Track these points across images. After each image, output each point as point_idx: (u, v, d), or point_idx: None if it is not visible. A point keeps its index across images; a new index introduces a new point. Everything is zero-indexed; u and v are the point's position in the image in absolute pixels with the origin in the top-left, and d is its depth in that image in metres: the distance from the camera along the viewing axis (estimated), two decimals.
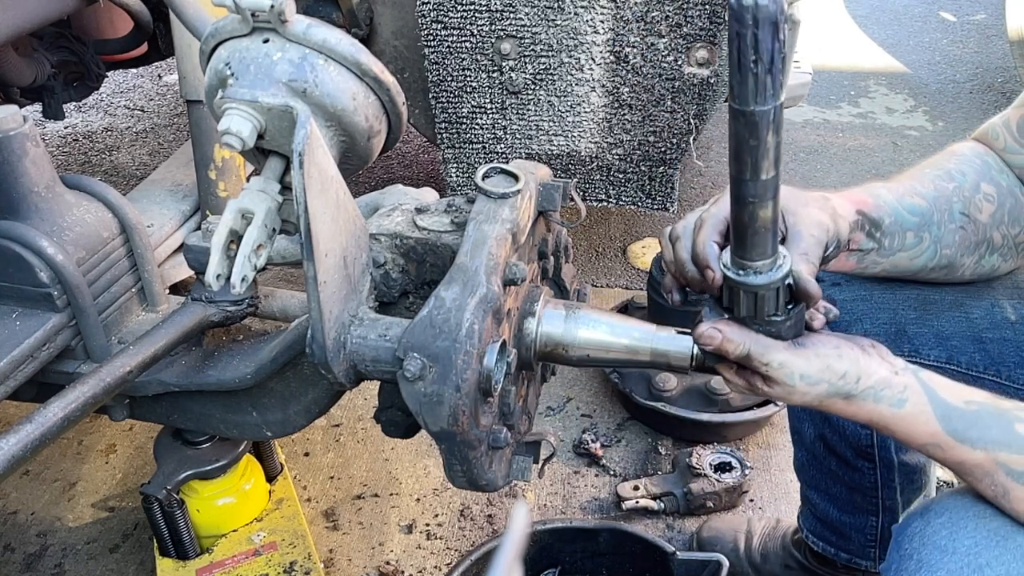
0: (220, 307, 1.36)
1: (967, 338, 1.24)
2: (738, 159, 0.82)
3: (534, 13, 1.96)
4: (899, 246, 1.15)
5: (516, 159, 2.15)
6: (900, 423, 0.94)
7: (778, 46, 0.74)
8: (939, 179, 1.17)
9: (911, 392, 0.94)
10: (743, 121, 0.78)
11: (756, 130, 0.78)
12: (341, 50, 1.09)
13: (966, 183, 1.17)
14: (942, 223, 1.15)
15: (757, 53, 0.74)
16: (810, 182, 3.46)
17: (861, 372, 0.94)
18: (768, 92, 0.76)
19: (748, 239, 0.89)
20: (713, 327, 0.95)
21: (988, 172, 1.19)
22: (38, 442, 1.06)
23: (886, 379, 0.94)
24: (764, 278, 0.92)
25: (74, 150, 3.83)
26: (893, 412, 0.94)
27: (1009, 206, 1.18)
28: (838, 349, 0.95)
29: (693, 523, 1.92)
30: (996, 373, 1.23)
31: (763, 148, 0.80)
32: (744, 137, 0.79)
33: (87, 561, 1.88)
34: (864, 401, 0.94)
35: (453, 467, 1.11)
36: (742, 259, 0.92)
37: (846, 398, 0.94)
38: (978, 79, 4.38)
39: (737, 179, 0.84)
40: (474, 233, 1.11)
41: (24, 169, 1.28)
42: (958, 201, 1.16)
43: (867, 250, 1.13)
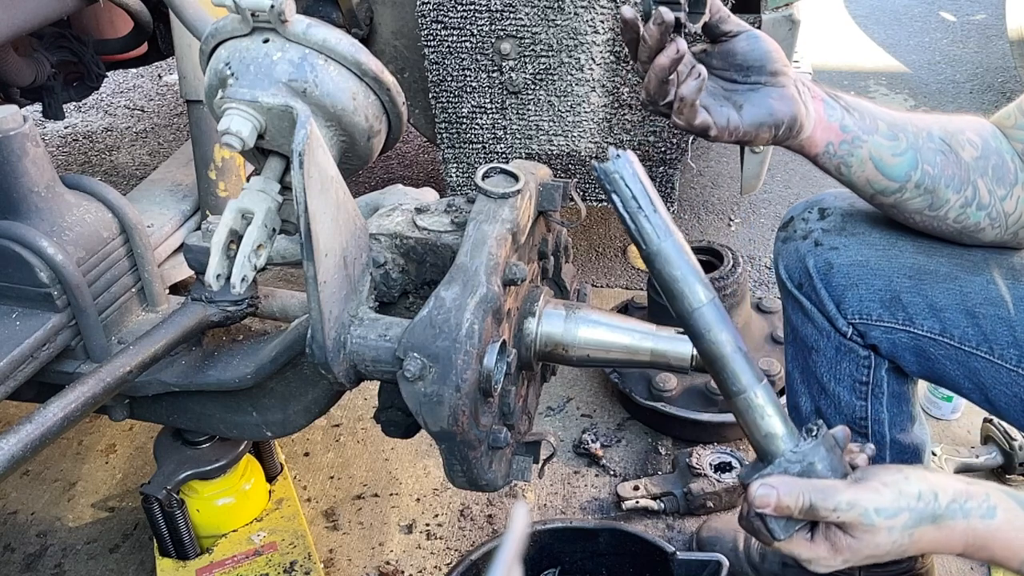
0: (220, 307, 1.36)
1: (960, 311, 1.24)
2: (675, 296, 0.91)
3: (534, 13, 1.96)
4: (873, 127, 1.15)
5: (516, 159, 2.16)
6: (999, 535, 0.87)
7: (650, 189, 0.88)
8: (919, 114, 1.20)
9: (996, 499, 0.88)
10: (658, 257, 0.89)
11: (673, 261, 0.89)
12: (341, 50, 1.09)
13: (950, 125, 1.19)
14: (919, 136, 1.16)
15: (637, 200, 0.87)
16: (810, 182, 3.46)
17: (935, 488, 0.87)
18: (663, 227, 0.88)
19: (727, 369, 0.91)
20: (764, 484, 0.87)
21: (980, 128, 1.20)
22: (38, 442, 1.06)
23: (964, 490, 0.88)
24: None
25: (74, 150, 3.83)
26: (987, 524, 0.87)
27: (994, 163, 1.19)
28: (901, 472, 0.88)
29: (693, 523, 1.92)
30: (989, 350, 1.22)
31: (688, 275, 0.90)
32: (667, 273, 0.90)
33: (87, 561, 1.88)
34: (954, 520, 0.87)
35: (453, 467, 1.12)
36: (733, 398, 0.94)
37: (934, 522, 0.86)
38: (978, 79, 4.38)
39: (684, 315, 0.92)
40: (474, 233, 1.11)
41: (24, 169, 1.28)
42: (938, 129, 1.17)
43: (836, 109, 1.14)
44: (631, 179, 0.86)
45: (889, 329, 1.31)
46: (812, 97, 1.14)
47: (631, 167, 0.86)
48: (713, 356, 0.91)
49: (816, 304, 1.35)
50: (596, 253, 3.01)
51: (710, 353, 0.91)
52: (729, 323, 0.89)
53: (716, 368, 0.91)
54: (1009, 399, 1.22)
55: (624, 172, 0.86)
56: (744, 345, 0.90)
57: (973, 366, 1.24)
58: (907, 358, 1.32)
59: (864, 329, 1.33)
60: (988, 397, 1.25)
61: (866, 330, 1.33)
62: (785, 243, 1.40)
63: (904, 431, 1.43)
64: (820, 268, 1.34)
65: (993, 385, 1.23)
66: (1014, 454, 1.93)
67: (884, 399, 1.39)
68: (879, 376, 1.38)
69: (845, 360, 1.37)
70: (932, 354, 1.28)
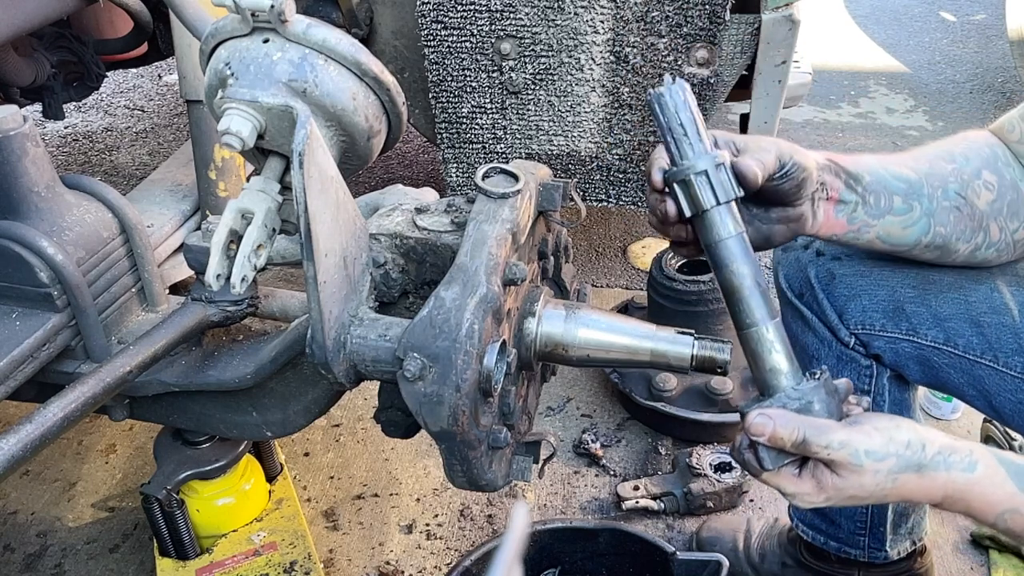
0: (220, 307, 1.36)
1: (965, 320, 1.24)
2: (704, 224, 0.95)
3: (534, 13, 1.96)
4: (887, 208, 1.13)
5: (516, 159, 2.15)
6: (976, 488, 0.90)
7: (697, 117, 0.93)
8: (938, 158, 1.16)
9: (979, 455, 0.91)
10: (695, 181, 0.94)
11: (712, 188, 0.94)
12: (341, 50, 1.09)
13: (967, 167, 1.16)
14: (934, 198, 1.14)
15: (683, 127, 0.93)
16: None
17: (924, 439, 0.90)
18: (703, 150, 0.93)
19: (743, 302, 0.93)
20: (762, 414, 0.90)
21: (993, 161, 1.17)
22: (38, 442, 1.06)
23: (950, 444, 0.91)
24: (693, 165, 0.94)
25: (74, 150, 3.83)
26: (967, 477, 0.90)
27: (1010, 199, 1.17)
28: (894, 420, 0.91)
29: (693, 523, 1.92)
30: (993, 359, 1.22)
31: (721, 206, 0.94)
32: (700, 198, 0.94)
33: (87, 561, 1.88)
34: (936, 471, 0.90)
35: (453, 467, 1.11)
36: (745, 330, 0.95)
37: (918, 470, 0.90)
38: (978, 79, 4.38)
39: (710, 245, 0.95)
40: (474, 233, 1.11)
41: (24, 169, 1.28)
42: (955, 182, 1.15)
43: (851, 202, 1.11)
44: (681, 106, 0.89)
45: (893, 339, 1.31)
46: (827, 199, 1.11)
47: (683, 94, 0.89)
48: (732, 288, 0.93)
49: (817, 314, 1.35)
50: (596, 253, 3.01)
51: (729, 285, 0.93)
52: (752, 258, 0.91)
53: (733, 300, 0.94)
54: (1014, 405, 1.22)
55: (675, 98, 0.89)
56: (764, 282, 0.93)
57: (977, 374, 1.24)
58: (911, 367, 1.32)
59: (867, 339, 1.33)
60: (992, 404, 1.25)
61: (869, 340, 1.33)
62: (785, 252, 1.39)
63: None
64: (822, 278, 1.33)
65: (998, 392, 1.23)
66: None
67: (885, 407, 1.39)
68: (880, 385, 1.38)
69: (847, 369, 1.37)
70: (936, 363, 1.28)
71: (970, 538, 1.86)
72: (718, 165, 0.94)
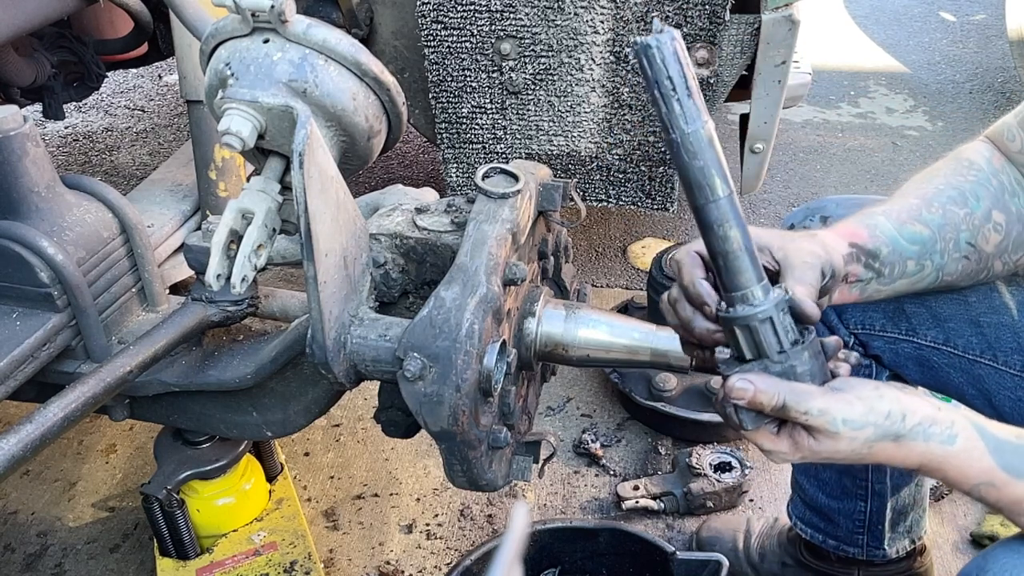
0: (220, 307, 1.36)
1: (964, 321, 1.24)
2: (691, 186, 0.84)
3: (534, 13, 1.96)
4: (900, 274, 1.12)
5: (516, 159, 2.16)
6: (953, 460, 0.90)
7: (688, 71, 0.80)
8: (951, 203, 1.13)
9: (959, 427, 0.90)
10: (681, 146, 0.82)
11: (696, 150, 0.81)
12: (341, 50, 1.09)
13: (978, 211, 1.13)
14: (946, 251, 1.12)
15: (672, 82, 0.80)
16: (810, 182, 3.46)
17: (905, 409, 0.90)
18: (694, 112, 0.81)
19: (729, 267, 0.87)
20: (743, 379, 0.89)
21: (1002, 197, 1.15)
22: (38, 442, 1.06)
23: (931, 415, 0.90)
24: (757, 307, 0.88)
25: (74, 150, 3.83)
26: (945, 450, 0.90)
27: (1016, 233, 1.15)
28: (878, 390, 0.91)
29: (693, 523, 1.92)
30: (992, 357, 1.23)
31: (709, 166, 0.82)
32: (687, 162, 0.82)
33: (87, 561, 1.88)
34: (914, 441, 0.90)
35: (453, 467, 1.12)
36: (731, 292, 0.89)
37: (895, 440, 0.90)
38: (978, 79, 4.38)
39: (698, 208, 0.85)
40: (474, 233, 1.11)
41: (24, 169, 1.28)
42: (966, 230, 1.13)
43: (867, 280, 1.11)
44: (670, 57, 0.80)
45: (892, 340, 1.31)
46: (846, 282, 1.10)
47: (672, 44, 0.80)
48: (717, 252, 0.88)
49: None
50: (596, 253, 3.01)
51: (715, 248, 0.88)
52: (741, 220, 0.86)
53: (718, 264, 0.89)
54: (1013, 404, 1.22)
55: (664, 49, 0.80)
56: (752, 244, 0.88)
57: (977, 373, 1.24)
58: (910, 368, 1.32)
59: (866, 339, 1.33)
60: (992, 403, 1.25)
61: (868, 340, 1.33)
62: None
63: None
64: None
65: (997, 391, 1.24)
66: None
67: None
68: None
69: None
70: (935, 363, 1.28)
71: (970, 538, 1.86)
72: (780, 306, 0.89)
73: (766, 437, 0.93)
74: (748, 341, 0.90)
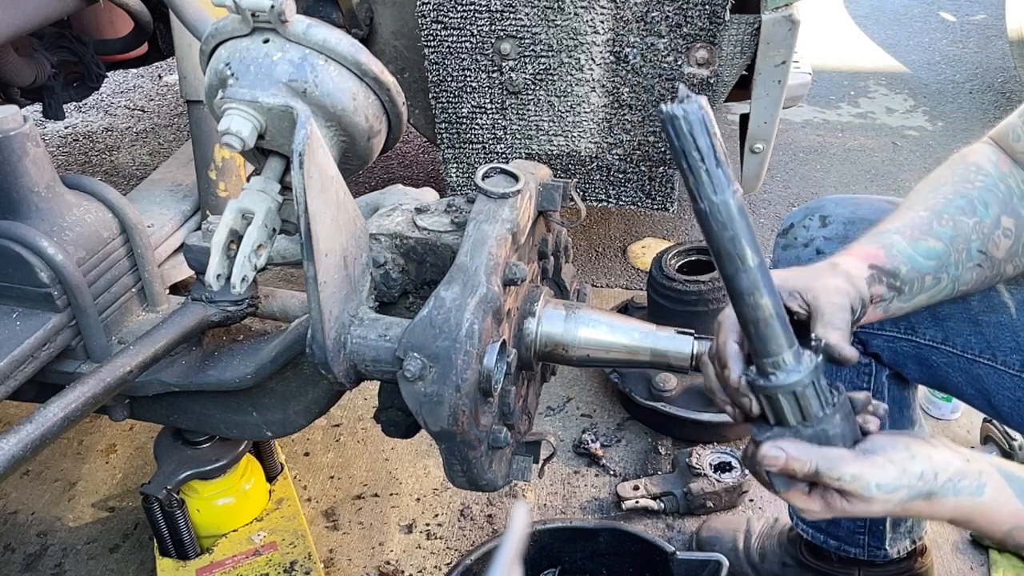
0: (220, 307, 1.36)
1: (963, 320, 1.24)
2: (720, 255, 0.83)
3: (534, 13, 1.96)
4: (919, 289, 1.12)
5: (516, 159, 2.16)
6: (983, 510, 0.90)
7: (716, 140, 0.78)
8: (960, 212, 1.13)
9: (987, 476, 0.91)
10: (711, 215, 0.80)
11: (726, 220, 0.80)
12: (341, 50, 1.10)
13: (987, 218, 1.13)
14: (959, 263, 1.12)
15: (700, 152, 0.78)
16: (810, 182, 3.46)
17: (937, 468, 0.89)
18: (723, 182, 0.79)
19: (761, 334, 0.86)
20: (775, 446, 0.89)
21: (1010, 201, 1.14)
22: (38, 442, 1.06)
23: (961, 469, 0.90)
24: (795, 373, 0.87)
25: (74, 150, 3.83)
26: (974, 501, 0.90)
27: None
28: (909, 450, 0.90)
29: (693, 523, 1.92)
30: (991, 357, 1.22)
31: (739, 236, 0.81)
32: (717, 232, 0.81)
33: (87, 561, 1.88)
34: (944, 497, 0.90)
35: (453, 467, 1.12)
36: (762, 359, 0.88)
37: (927, 497, 0.89)
38: (978, 79, 4.38)
39: (728, 276, 0.84)
40: (474, 233, 1.11)
41: (24, 169, 1.28)
42: (977, 239, 1.12)
43: (889, 299, 1.10)
44: (698, 127, 0.78)
45: (891, 338, 1.31)
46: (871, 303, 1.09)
47: (700, 113, 0.78)
48: (748, 320, 0.87)
49: None
50: (596, 253, 3.02)
51: (746, 316, 0.86)
52: (772, 287, 0.85)
53: (749, 331, 0.88)
54: (1013, 403, 1.22)
55: (692, 118, 0.77)
56: (783, 309, 0.88)
57: (976, 373, 1.24)
58: (909, 366, 1.32)
59: (865, 337, 1.33)
60: (992, 403, 1.25)
61: (867, 338, 1.33)
62: (785, 250, 1.39)
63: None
64: None
65: (996, 391, 1.23)
66: (1014, 454, 1.93)
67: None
68: (880, 383, 1.38)
69: (845, 367, 1.37)
70: (934, 362, 1.28)
71: (970, 538, 1.86)
72: (813, 373, 0.88)
73: (798, 497, 0.93)
74: (779, 408, 0.90)
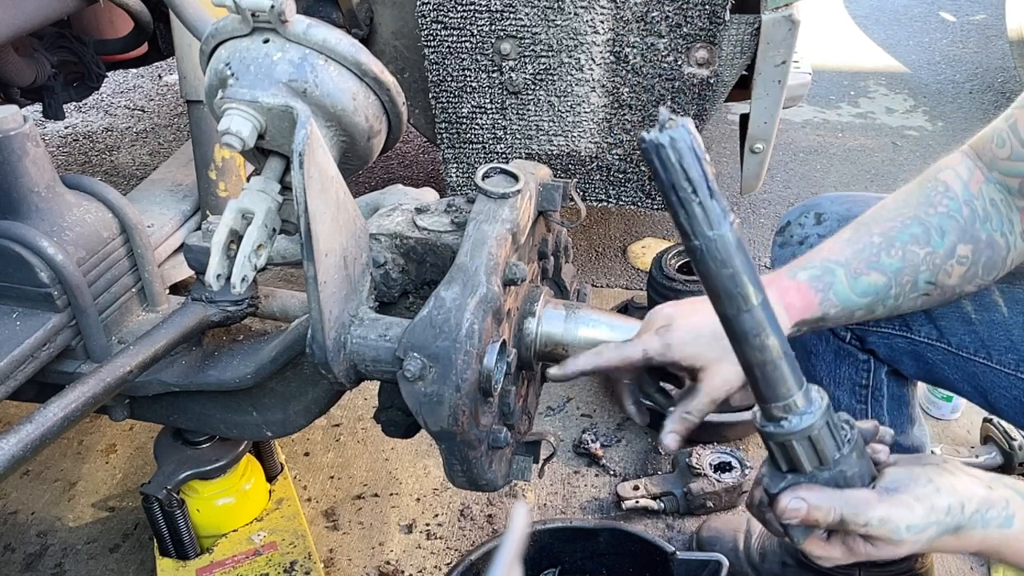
0: (220, 307, 1.36)
1: (956, 318, 1.24)
2: (719, 295, 0.75)
3: (534, 13, 1.96)
4: (845, 319, 1.12)
5: (516, 159, 2.16)
6: (1012, 542, 0.88)
7: (707, 168, 0.69)
8: (913, 242, 1.10)
9: (1015, 506, 0.88)
10: (707, 253, 0.72)
11: (724, 257, 0.72)
12: (341, 50, 1.09)
13: (941, 248, 1.10)
14: (901, 295, 1.11)
15: (692, 183, 0.69)
16: (810, 182, 3.46)
17: (963, 499, 0.86)
18: (719, 215, 0.70)
19: (768, 377, 0.79)
20: (795, 497, 0.84)
21: (971, 227, 1.11)
22: (38, 442, 1.06)
23: (986, 498, 0.87)
24: (809, 416, 0.81)
25: (74, 150, 3.83)
26: (1003, 533, 0.87)
27: (985, 259, 1.12)
28: (932, 483, 0.86)
29: (693, 523, 1.92)
30: (987, 356, 1.22)
31: (740, 273, 0.73)
32: (714, 270, 0.73)
33: (87, 561, 1.88)
34: (973, 530, 0.87)
35: (453, 467, 1.12)
36: (774, 405, 0.81)
37: (955, 532, 0.86)
38: (978, 79, 4.38)
39: (729, 317, 0.76)
40: (474, 233, 1.11)
41: (24, 169, 1.28)
42: (926, 270, 1.10)
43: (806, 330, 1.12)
44: (687, 155, 0.68)
45: (887, 335, 1.31)
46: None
47: (689, 139, 0.67)
48: (754, 363, 0.79)
49: None
50: (596, 253, 3.02)
51: (751, 359, 0.79)
52: (777, 325, 0.78)
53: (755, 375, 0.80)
54: (1010, 402, 1.22)
55: (680, 146, 0.67)
56: (789, 348, 0.80)
57: (971, 371, 1.24)
58: (905, 362, 1.32)
59: (863, 334, 1.33)
60: (989, 400, 1.25)
61: (864, 335, 1.33)
62: (782, 248, 1.39)
63: (904, 433, 1.44)
64: None
65: (992, 389, 1.23)
66: (1014, 454, 1.94)
67: (884, 402, 1.39)
68: (879, 379, 1.38)
69: (844, 364, 1.37)
70: (930, 359, 1.28)
71: None
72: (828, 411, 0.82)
73: (816, 545, 0.89)
74: (794, 455, 0.84)
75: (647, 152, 0.69)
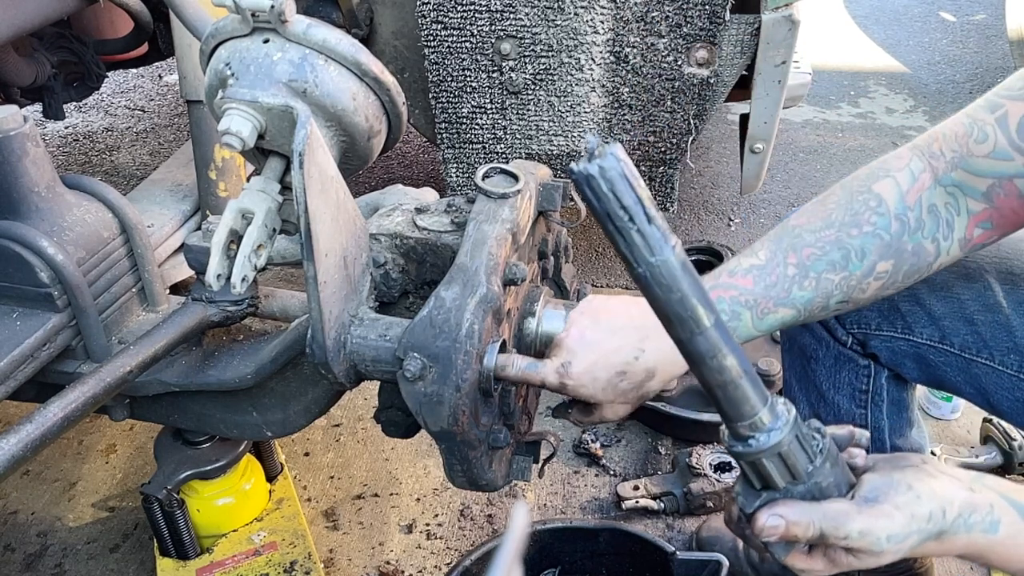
0: (220, 307, 1.36)
1: (958, 319, 1.23)
2: (670, 320, 0.73)
3: (534, 13, 1.96)
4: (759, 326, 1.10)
5: (516, 159, 2.16)
6: (998, 548, 0.86)
7: (642, 192, 0.67)
8: (831, 268, 1.06)
9: (1000, 511, 0.86)
10: (652, 280, 0.70)
11: (670, 282, 0.70)
12: (341, 50, 1.10)
13: (859, 270, 1.06)
14: (810, 318, 1.10)
15: (627, 211, 0.67)
16: (810, 182, 3.46)
17: (944, 504, 0.85)
18: (659, 240, 0.69)
19: (730, 397, 0.78)
20: (772, 514, 0.83)
21: (897, 241, 1.06)
22: (38, 442, 1.06)
23: (969, 501, 0.86)
24: (776, 433, 0.79)
25: (74, 150, 3.83)
26: (988, 539, 0.86)
27: (908, 267, 1.08)
28: (912, 489, 0.85)
29: (693, 523, 1.92)
30: (989, 357, 1.22)
31: (688, 296, 0.71)
32: (662, 296, 0.71)
33: (87, 561, 1.88)
34: (956, 535, 0.85)
35: (453, 467, 1.12)
36: (740, 424, 0.80)
37: (938, 538, 0.85)
38: (978, 79, 4.37)
39: (683, 341, 0.74)
40: (474, 233, 1.11)
41: (24, 169, 1.28)
42: (839, 293, 1.08)
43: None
44: (619, 183, 0.66)
45: (888, 338, 1.30)
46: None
47: (619, 166, 0.66)
48: (714, 384, 0.78)
49: None
50: (596, 253, 3.02)
51: (711, 381, 0.77)
52: (734, 343, 0.76)
53: (717, 396, 0.79)
54: (1012, 403, 1.22)
55: (610, 174, 0.66)
56: (749, 365, 0.78)
57: (974, 372, 1.24)
58: (908, 365, 1.32)
59: (863, 338, 1.33)
60: (991, 401, 1.25)
61: (865, 339, 1.33)
62: None
63: (903, 436, 1.44)
64: None
65: (995, 390, 1.23)
66: (1013, 454, 1.93)
67: (884, 406, 1.39)
68: (879, 384, 1.37)
69: (844, 369, 1.36)
70: (933, 361, 1.28)
71: None
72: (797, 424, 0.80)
73: (799, 559, 0.88)
74: (765, 472, 0.82)
75: (578, 184, 0.67)
